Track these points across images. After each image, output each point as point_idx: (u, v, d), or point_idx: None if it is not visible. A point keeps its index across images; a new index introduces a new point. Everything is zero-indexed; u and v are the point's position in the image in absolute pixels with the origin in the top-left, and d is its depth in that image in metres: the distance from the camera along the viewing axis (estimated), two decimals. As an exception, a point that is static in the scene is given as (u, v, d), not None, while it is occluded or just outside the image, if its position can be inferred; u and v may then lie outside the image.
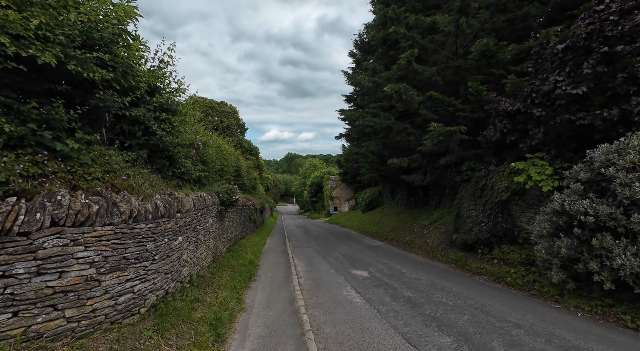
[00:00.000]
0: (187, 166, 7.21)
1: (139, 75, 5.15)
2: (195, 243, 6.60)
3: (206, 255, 7.91)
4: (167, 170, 6.62)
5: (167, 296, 4.97)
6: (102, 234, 3.61)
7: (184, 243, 5.69)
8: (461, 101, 11.26)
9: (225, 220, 10.21)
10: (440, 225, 13.81)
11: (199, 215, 6.82)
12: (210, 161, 9.90)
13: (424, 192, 18.49)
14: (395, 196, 24.54)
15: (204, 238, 7.48)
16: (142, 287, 4.19)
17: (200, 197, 7.04)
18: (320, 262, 12.06)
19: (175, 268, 5.20)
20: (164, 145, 5.81)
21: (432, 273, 9.86)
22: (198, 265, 7.15)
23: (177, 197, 5.31)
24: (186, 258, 5.89)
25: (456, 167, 13.09)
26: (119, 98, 4.64)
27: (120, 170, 4.51)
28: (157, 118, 5.71)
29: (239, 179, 16.62)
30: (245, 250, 12.84)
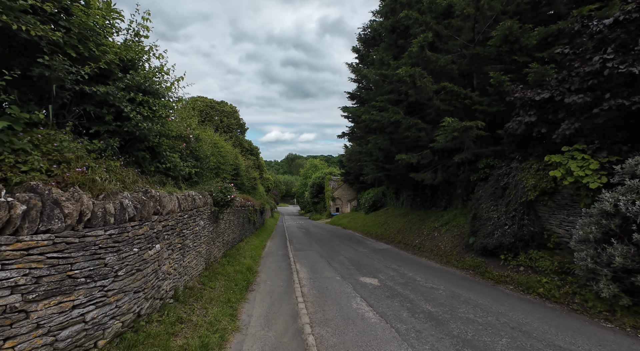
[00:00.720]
0: (173, 160, 6.14)
1: (106, 45, 4.11)
2: (181, 250, 5.53)
3: (197, 263, 6.84)
4: (149, 165, 5.55)
5: (140, 320, 3.90)
6: (32, 246, 2.55)
7: (164, 251, 4.62)
8: (478, 93, 10.20)
9: (220, 222, 9.13)
10: (452, 227, 12.72)
11: (186, 217, 5.76)
12: (203, 157, 8.83)
13: (432, 192, 17.39)
14: (400, 197, 23.45)
15: (194, 243, 6.41)
16: (99, 314, 3.12)
17: (188, 196, 5.97)
18: (324, 267, 10.97)
19: (151, 283, 4.13)
20: (142, 134, 4.74)
21: (449, 281, 8.77)
22: (186, 275, 6.08)
23: (155, 195, 4.24)
24: (168, 269, 4.82)
25: (471, 164, 12.01)
26: (74, 67, 3.59)
27: (77, 160, 3.46)
28: (133, 101, 4.65)
29: (237, 178, 15.55)
30: (244, 255, 11.76)
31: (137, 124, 4.62)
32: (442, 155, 12.60)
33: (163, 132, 5.70)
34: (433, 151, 12.22)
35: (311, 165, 67.17)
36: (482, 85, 10.35)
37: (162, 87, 5.33)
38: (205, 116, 33.15)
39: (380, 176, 18.62)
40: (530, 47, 8.73)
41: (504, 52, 8.98)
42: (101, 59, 3.97)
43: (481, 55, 9.70)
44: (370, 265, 11.09)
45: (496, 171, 9.76)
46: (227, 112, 37.33)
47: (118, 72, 4.47)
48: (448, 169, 12.50)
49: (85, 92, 4.04)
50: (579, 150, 6.80)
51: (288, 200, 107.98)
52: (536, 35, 8.62)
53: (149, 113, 4.76)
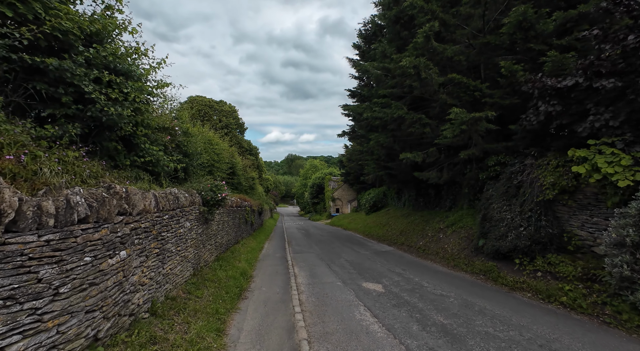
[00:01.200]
0: (154, 154, 5.38)
1: (59, 10, 3.35)
2: (159, 256, 4.76)
3: (182, 269, 6.07)
4: (124, 158, 4.79)
5: (97, 345, 3.14)
6: None
7: (134, 259, 3.85)
8: (488, 85, 9.45)
9: (211, 224, 8.36)
10: (459, 228, 11.95)
11: (167, 218, 4.99)
12: (194, 153, 8.07)
13: (435, 191, 16.62)
14: (402, 197, 22.69)
15: (177, 247, 5.64)
16: (29, 345, 2.36)
17: (170, 194, 5.20)
18: (324, 271, 10.20)
19: (113, 299, 3.36)
20: (111, 120, 3.99)
21: (459, 287, 8.00)
22: (168, 284, 5.32)
23: (120, 191, 3.48)
24: (140, 279, 4.05)
25: (478, 162, 11.26)
26: (5, 28, 2.84)
27: (11, 146, 2.71)
28: (99, 81, 3.90)
29: (233, 178, 14.79)
30: (239, 258, 10.99)
31: (103, 109, 3.86)
32: (447, 152, 11.85)
33: (141, 121, 4.94)
34: (439, 149, 11.47)
35: (311, 165, 66.36)
36: (492, 77, 9.60)
37: (137, 67, 4.58)
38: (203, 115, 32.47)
39: (382, 175, 17.87)
40: (546, 33, 7.98)
41: (519, 39, 8.23)
42: (51, 22, 3.21)
43: (492, 44, 8.95)
44: (373, 269, 10.32)
45: (508, 169, 9.00)
46: (226, 111, 36.63)
47: (79, 45, 3.72)
48: (454, 167, 11.74)
49: (36, 66, 3.29)
50: (607, 144, 6.04)
51: (288, 200, 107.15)
52: (554, 20, 7.89)
53: (118, 96, 3.99)
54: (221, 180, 8.72)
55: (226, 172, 13.37)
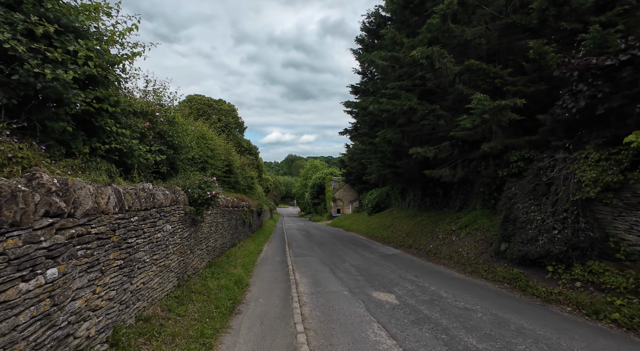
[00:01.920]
0: (125, 141, 4.30)
1: None
2: (124, 268, 3.67)
3: (161, 281, 4.97)
4: (81, 144, 3.71)
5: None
6: None
7: (77, 277, 2.76)
8: (511, 71, 8.39)
9: (201, 226, 7.27)
10: (473, 230, 10.86)
11: (137, 221, 3.90)
12: (181, 145, 6.99)
13: (444, 191, 15.54)
14: (406, 197, 21.60)
15: (154, 256, 4.54)
16: None
17: (142, 190, 4.11)
18: (328, 277, 9.10)
19: (33, 341, 2.27)
20: (51, 89, 2.90)
21: (484, 298, 6.91)
22: (141, 301, 4.23)
23: (48, 182, 2.40)
24: (90, 303, 2.96)
25: (495, 158, 10.17)
26: None
27: None
28: (32, 36, 2.84)
29: (230, 176, 13.70)
30: (234, 263, 9.88)
31: (36, 74, 2.78)
32: (462, 148, 10.76)
33: (105, 97, 3.85)
34: (452, 144, 10.38)
35: (311, 165, 65.21)
36: (515, 63, 8.53)
37: (91, 21, 3.49)
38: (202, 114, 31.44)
39: (387, 174, 16.78)
40: (583, 9, 6.92)
41: (550, 16, 7.16)
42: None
43: (517, 24, 7.89)
44: (382, 275, 9.22)
45: (535, 164, 7.91)
46: (225, 110, 35.60)
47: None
48: (469, 164, 10.66)
49: None
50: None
51: (288, 201, 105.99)
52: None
53: (59, 57, 2.91)
54: (216, 177, 7.63)
55: (222, 169, 12.29)
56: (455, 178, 10.62)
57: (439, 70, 8.57)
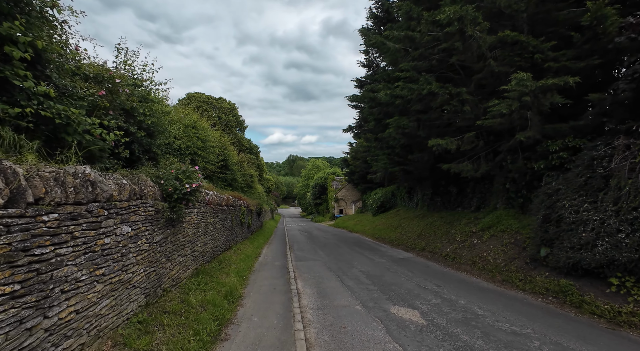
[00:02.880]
0: (55, 108, 2.93)
1: None
2: (27, 297, 2.28)
3: (115, 304, 3.57)
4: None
5: None
6: None
7: None
8: (554, 44, 6.98)
9: (183, 227, 5.86)
10: (499, 232, 9.42)
11: (53, 220, 2.51)
12: (159, 130, 5.60)
13: (458, 189, 14.11)
14: (414, 196, 20.18)
15: (95, 270, 3.14)
16: None
17: (73, 174, 2.73)
18: (335, 287, 7.69)
19: None
20: None
21: (532, 317, 5.48)
22: (74, 338, 2.83)
23: None
24: None
25: (526, 150, 8.73)
26: None
27: None
28: None
29: (226, 172, 12.30)
30: (227, 269, 8.47)
31: None
32: (487, 139, 9.35)
33: (9, 34, 2.48)
34: (477, 134, 8.96)
35: (313, 165, 63.71)
36: (558, 35, 7.13)
37: None
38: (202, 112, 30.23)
39: (396, 171, 15.36)
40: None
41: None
42: None
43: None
44: (398, 284, 7.80)
45: (586, 154, 6.48)
46: (225, 108, 34.35)
47: None
48: (495, 157, 9.24)
49: None
50: None
51: (289, 201, 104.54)
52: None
53: None
54: (210, 173, 6.22)
55: (216, 164, 10.90)
56: (478, 174, 9.19)
57: (469, 43, 7.18)
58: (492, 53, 7.60)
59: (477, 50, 7.49)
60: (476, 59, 7.64)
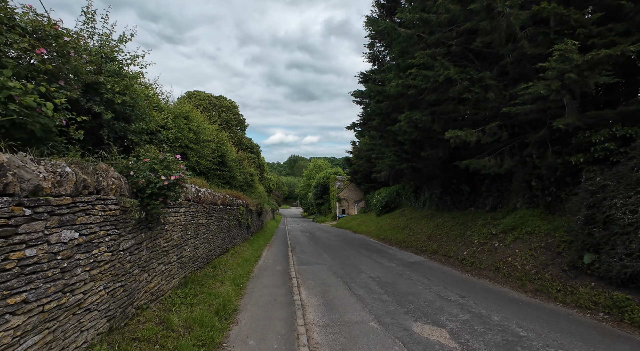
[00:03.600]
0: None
1: None
2: None
3: (54, 338, 2.56)
4: None
5: None
6: None
7: None
8: (598, 19, 5.94)
9: (163, 229, 4.82)
10: (525, 235, 8.36)
11: None
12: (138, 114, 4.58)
13: (471, 188, 13.05)
14: (421, 196, 19.13)
15: (8, 299, 2.14)
16: None
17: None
18: (344, 297, 6.65)
19: None
20: None
21: (588, 341, 4.42)
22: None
23: None
24: None
25: (556, 143, 7.69)
26: None
27: None
28: None
29: (223, 169, 11.28)
30: (222, 276, 7.44)
31: None
32: (511, 130, 8.30)
33: None
34: (499, 125, 7.92)
35: (315, 165, 62.56)
36: (606, 6, 6.09)
37: None
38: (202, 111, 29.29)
39: (404, 169, 14.29)
40: None
41: None
42: None
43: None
44: (416, 294, 6.76)
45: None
46: (225, 106, 33.38)
47: None
48: (523, 150, 8.20)
49: None
50: None
51: (291, 202, 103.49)
52: None
53: None
54: (206, 169, 5.21)
55: (211, 159, 9.88)
56: (502, 170, 8.13)
57: (497, 20, 6.15)
58: (523, 32, 6.56)
59: (506, 29, 6.44)
60: (504, 40, 6.60)
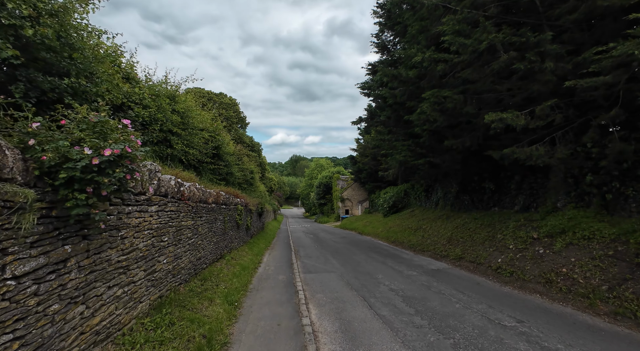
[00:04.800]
0: None
1: None
2: None
3: None
4: None
5: None
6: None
7: None
8: None
9: (115, 237, 3.26)
10: (581, 240, 6.77)
11: None
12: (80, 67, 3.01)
13: (497, 185, 11.49)
14: (432, 195, 17.57)
15: None
16: None
17: None
18: (365, 319, 5.08)
19: None
20: None
21: None
22: None
23: None
24: None
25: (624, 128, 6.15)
26: None
27: None
28: None
29: (218, 163, 9.71)
30: (213, 291, 5.87)
31: None
32: (566, 112, 6.72)
33: None
34: (553, 106, 6.34)
35: (317, 165, 60.81)
36: None
37: None
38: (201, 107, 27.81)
39: (419, 165, 12.70)
40: None
41: None
42: None
43: None
44: (455, 315, 5.18)
45: None
46: (226, 103, 31.95)
47: None
48: (579, 138, 6.63)
49: None
50: None
51: (292, 202, 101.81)
52: None
53: None
54: (196, 161, 3.68)
55: (203, 150, 8.33)
56: (553, 160, 6.57)
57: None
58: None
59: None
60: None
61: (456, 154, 10.77)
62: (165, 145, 6.21)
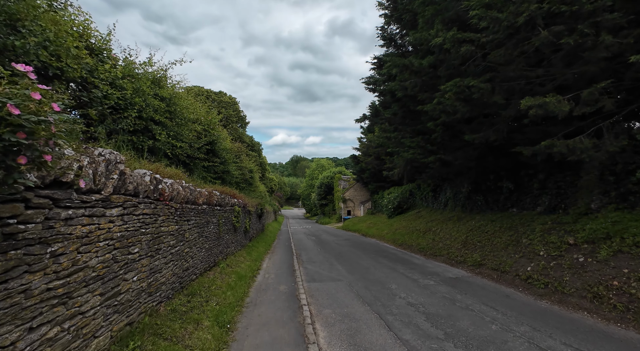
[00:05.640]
0: None
1: None
2: None
3: None
4: None
5: None
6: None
7: None
8: None
9: (38, 258, 2.24)
10: (632, 247, 5.72)
11: None
12: None
13: (515, 184, 10.46)
14: (441, 195, 16.53)
15: None
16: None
17: None
18: (384, 345, 4.03)
19: None
20: None
21: None
22: None
23: None
24: None
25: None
26: None
27: None
28: None
29: (213, 160, 8.67)
30: (201, 309, 4.83)
31: None
32: (615, 97, 5.69)
33: None
34: (602, 90, 5.31)
35: (318, 165, 59.67)
36: None
37: None
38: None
39: (429, 163, 11.66)
40: None
41: None
42: None
43: None
44: (495, 341, 4.13)
45: None
46: (225, 102, 30.97)
47: None
48: (631, 130, 5.61)
49: None
50: None
51: (293, 202, 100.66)
52: None
53: None
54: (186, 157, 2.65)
55: (194, 145, 7.29)
56: (601, 154, 5.54)
57: None
58: None
59: None
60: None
61: (471, 151, 9.76)
62: (146, 136, 5.18)
